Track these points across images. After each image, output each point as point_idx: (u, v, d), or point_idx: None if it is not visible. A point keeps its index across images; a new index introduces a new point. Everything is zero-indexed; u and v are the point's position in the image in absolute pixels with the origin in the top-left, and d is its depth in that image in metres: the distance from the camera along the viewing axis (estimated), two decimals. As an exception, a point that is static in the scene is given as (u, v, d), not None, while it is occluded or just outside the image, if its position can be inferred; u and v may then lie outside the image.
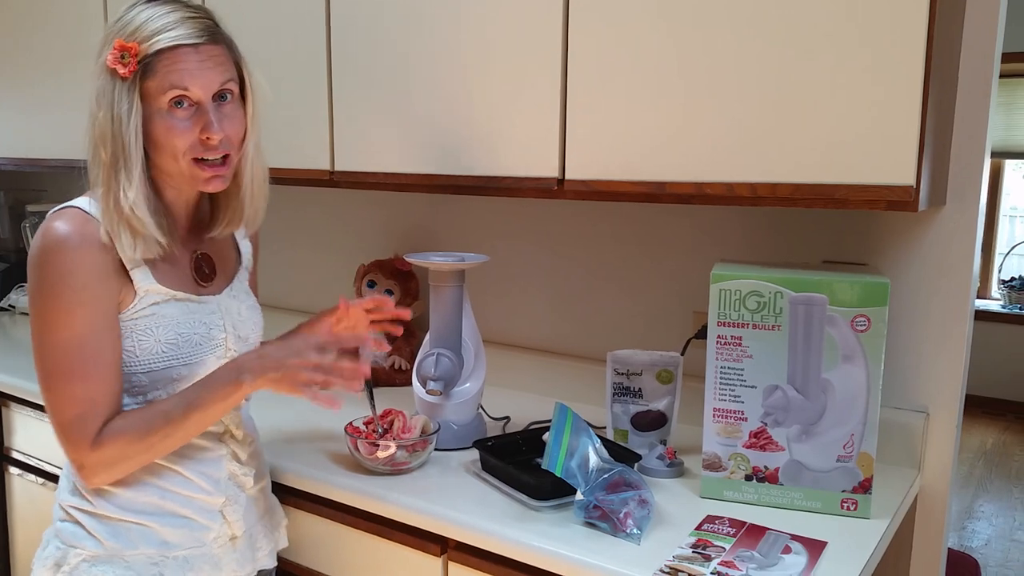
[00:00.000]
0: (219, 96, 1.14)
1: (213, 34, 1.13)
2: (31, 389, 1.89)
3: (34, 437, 1.94)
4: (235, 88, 1.16)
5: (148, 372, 1.16)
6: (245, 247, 1.37)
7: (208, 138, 1.12)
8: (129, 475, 1.17)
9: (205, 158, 1.13)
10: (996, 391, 5.43)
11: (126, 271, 1.14)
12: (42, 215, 2.76)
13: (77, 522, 1.20)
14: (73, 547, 1.19)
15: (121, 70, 1.07)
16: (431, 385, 1.54)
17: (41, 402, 1.84)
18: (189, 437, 1.17)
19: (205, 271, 1.25)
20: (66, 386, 1.10)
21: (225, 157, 1.16)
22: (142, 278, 1.15)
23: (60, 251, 1.09)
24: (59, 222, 1.10)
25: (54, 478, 1.91)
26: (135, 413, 1.14)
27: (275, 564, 1.39)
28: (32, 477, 1.97)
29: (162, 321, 1.17)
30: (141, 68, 1.08)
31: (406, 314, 1.29)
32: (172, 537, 1.21)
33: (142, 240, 1.13)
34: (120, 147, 1.09)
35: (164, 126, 1.10)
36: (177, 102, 1.10)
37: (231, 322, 1.25)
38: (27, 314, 2.62)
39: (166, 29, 1.08)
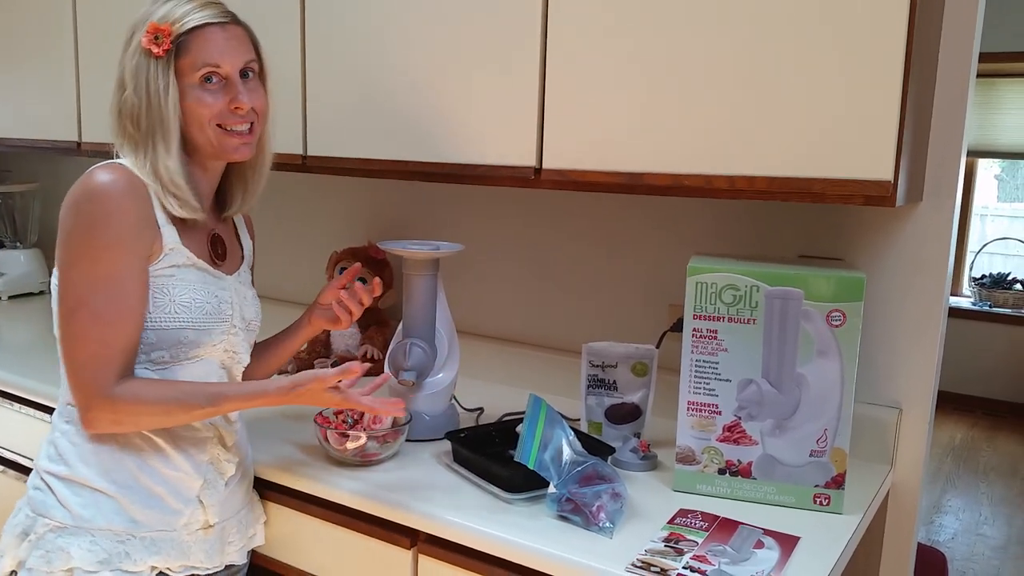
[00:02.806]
0: (243, 73, 1.22)
1: (235, 17, 1.23)
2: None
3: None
4: (256, 67, 1.25)
5: (157, 330, 1.19)
6: (248, 243, 1.41)
7: (237, 107, 1.19)
8: (114, 442, 1.20)
9: (233, 128, 1.21)
10: (965, 387, 5.51)
11: (158, 226, 1.18)
12: (7, 196, 2.72)
13: (50, 489, 1.21)
14: (42, 516, 1.20)
15: (155, 50, 1.15)
16: (404, 375, 1.52)
17: (6, 389, 1.82)
18: (199, 419, 1.22)
19: (219, 251, 1.29)
20: (89, 324, 1.13)
21: (251, 126, 1.23)
22: (170, 235, 1.19)
23: (106, 193, 1.13)
24: (103, 171, 1.15)
25: (15, 466, 1.87)
26: (160, 384, 1.18)
27: (245, 561, 1.38)
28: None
29: (179, 283, 1.20)
30: (175, 47, 1.16)
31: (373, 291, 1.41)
32: (141, 516, 1.21)
33: (180, 203, 1.19)
34: (158, 121, 1.17)
35: (195, 98, 1.18)
36: (207, 77, 1.18)
37: (238, 302, 1.30)
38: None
39: (194, 11, 1.17)
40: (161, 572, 1.24)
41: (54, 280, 1.20)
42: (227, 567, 1.34)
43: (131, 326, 1.15)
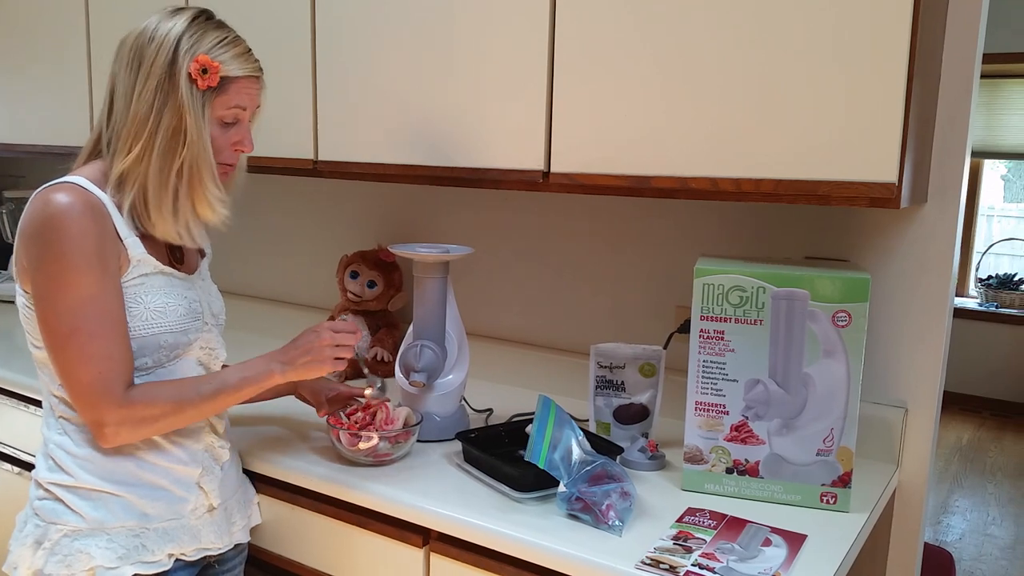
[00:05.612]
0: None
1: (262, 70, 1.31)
2: (8, 378, 1.87)
3: (9, 426, 1.92)
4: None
5: (137, 339, 1.21)
6: (206, 243, 1.43)
7: (241, 149, 1.28)
8: (110, 447, 1.22)
9: (226, 161, 1.28)
10: (972, 388, 5.50)
11: (120, 239, 1.20)
12: (20, 201, 2.74)
13: (57, 499, 1.23)
14: (54, 523, 1.22)
15: (201, 82, 1.20)
16: (414, 376, 1.54)
17: (16, 390, 1.84)
18: (211, 413, 1.26)
19: (177, 255, 1.32)
20: (84, 345, 1.15)
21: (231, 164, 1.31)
22: (134, 246, 1.22)
23: (66, 217, 1.15)
24: (59, 194, 1.16)
25: (29, 466, 1.89)
26: (168, 382, 1.22)
27: (248, 539, 1.43)
28: (8, 467, 1.94)
29: (151, 290, 1.23)
30: (220, 85, 1.22)
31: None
32: (151, 509, 1.25)
33: (185, 223, 1.24)
34: (201, 146, 1.21)
35: (213, 133, 1.24)
36: (230, 119, 1.25)
37: (206, 299, 1.34)
38: (9, 302, 2.60)
39: (239, 59, 1.24)
40: (177, 558, 1.27)
41: (22, 300, 1.22)
42: (235, 546, 1.39)
43: (124, 337, 1.18)
